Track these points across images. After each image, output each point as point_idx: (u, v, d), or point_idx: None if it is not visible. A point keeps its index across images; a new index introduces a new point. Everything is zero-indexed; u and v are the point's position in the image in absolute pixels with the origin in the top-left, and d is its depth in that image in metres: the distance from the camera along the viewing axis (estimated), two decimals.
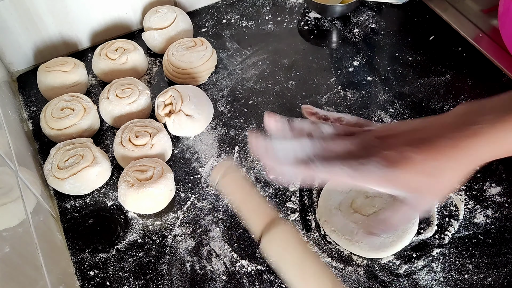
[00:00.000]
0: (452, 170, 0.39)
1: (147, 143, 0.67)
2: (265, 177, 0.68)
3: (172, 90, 0.73)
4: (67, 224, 0.65)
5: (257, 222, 0.48)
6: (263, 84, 0.80)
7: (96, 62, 0.80)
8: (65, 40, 0.85)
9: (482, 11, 0.88)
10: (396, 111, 0.74)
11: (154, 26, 0.83)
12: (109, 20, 0.87)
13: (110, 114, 0.72)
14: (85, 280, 0.60)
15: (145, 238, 0.63)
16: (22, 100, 0.80)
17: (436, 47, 0.83)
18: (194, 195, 0.67)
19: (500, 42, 0.80)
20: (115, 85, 0.73)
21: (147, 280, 0.59)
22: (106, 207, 0.66)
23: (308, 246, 0.56)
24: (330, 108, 0.76)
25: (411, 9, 0.90)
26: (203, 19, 0.92)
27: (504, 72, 0.78)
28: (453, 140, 0.39)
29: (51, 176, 0.65)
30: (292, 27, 0.89)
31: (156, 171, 0.64)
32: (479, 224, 0.62)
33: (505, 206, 0.63)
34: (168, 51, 0.80)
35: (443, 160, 0.39)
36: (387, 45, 0.85)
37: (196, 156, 0.71)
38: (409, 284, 0.57)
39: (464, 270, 0.58)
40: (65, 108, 0.71)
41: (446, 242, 0.60)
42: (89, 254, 0.62)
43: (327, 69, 0.82)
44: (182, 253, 0.61)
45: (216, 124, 0.75)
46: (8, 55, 0.82)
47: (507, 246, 0.59)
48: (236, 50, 0.86)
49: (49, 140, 0.73)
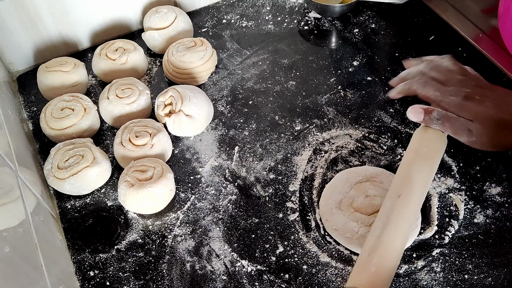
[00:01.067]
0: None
1: (147, 143, 0.67)
2: (265, 177, 0.68)
3: (172, 90, 0.73)
4: (67, 224, 0.65)
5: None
6: (263, 84, 0.80)
7: (96, 62, 0.80)
8: (65, 40, 0.85)
9: (482, 11, 0.88)
10: (396, 111, 0.74)
11: (154, 26, 0.83)
12: (109, 20, 0.87)
13: (110, 114, 0.72)
14: (85, 280, 0.60)
15: (145, 238, 0.63)
16: (22, 100, 0.81)
17: (436, 47, 0.83)
18: (194, 195, 0.67)
19: (500, 42, 0.80)
20: (115, 85, 0.73)
21: (147, 280, 0.59)
22: (106, 207, 0.66)
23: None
24: (330, 108, 0.76)
25: (411, 9, 0.90)
26: (203, 19, 0.92)
27: (504, 72, 0.78)
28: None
29: (51, 176, 0.65)
30: (292, 27, 0.89)
31: (156, 171, 0.64)
32: (479, 224, 0.62)
33: (505, 206, 0.63)
34: (168, 51, 0.80)
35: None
36: (387, 45, 0.85)
37: (196, 156, 0.71)
38: (409, 284, 0.57)
39: (464, 270, 0.58)
40: (65, 108, 0.71)
41: (446, 242, 0.60)
42: (89, 254, 0.62)
43: (327, 69, 0.82)
44: (182, 253, 0.61)
45: (216, 124, 0.75)
46: (8, 55, 0.82)
47: (507, 246, 0.59)
48: (236, 50, 0.86)
49: (49, 140, 0.73)
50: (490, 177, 0.66)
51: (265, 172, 0.69)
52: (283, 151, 0.71)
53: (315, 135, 0.73)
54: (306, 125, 0.74)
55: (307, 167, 0.69)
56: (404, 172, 0.58)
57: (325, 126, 0.74)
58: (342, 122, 0.74)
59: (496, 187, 0.65)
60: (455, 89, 0.58)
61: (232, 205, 0.66)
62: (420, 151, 0.59)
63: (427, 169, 0.58)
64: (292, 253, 0.61)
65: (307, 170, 0.69)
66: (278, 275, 0.59)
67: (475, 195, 0.64)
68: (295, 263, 0.60)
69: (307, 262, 0.59)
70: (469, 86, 0.58)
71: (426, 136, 0.60)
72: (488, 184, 0.65)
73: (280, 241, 0.62)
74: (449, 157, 0.68)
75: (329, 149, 0.71)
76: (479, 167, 0.67)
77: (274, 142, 0.72)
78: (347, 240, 0.60)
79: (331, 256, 0.60)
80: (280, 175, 0.68)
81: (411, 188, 0.56)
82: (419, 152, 0.59)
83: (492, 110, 0.55)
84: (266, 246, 0.61)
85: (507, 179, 0.66)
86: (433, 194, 0.65)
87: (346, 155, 0.70)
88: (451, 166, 0.67)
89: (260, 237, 0.62)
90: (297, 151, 0.71)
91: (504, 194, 0.64)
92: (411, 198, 0.56)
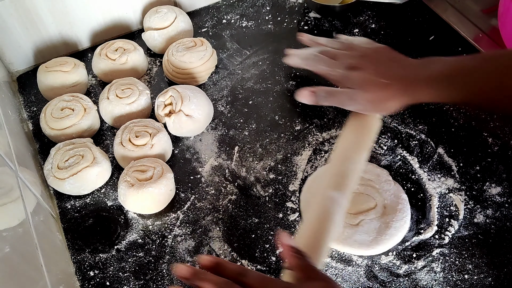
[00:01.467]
0: (394, 103, 0.57)
1: (147, 143, 0.67)
2: (265, 177, 0.68)
3: (172, 90, 0.73)
4: (67, 224, 0.65)
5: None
6: (263, 84, 0.80)
7: (96, 62, 0.80)
8: (65, 40, 0.85)
9: (482, 11, 0.88)
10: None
11: (154, 26, 0.83)
12: (109, 20, 0.87)
13: (110, 114, 0.72)
14: (85, 280, 0.60)
15: (145, 238, 0.63)
16: (22, 100, 0.80)
17: (436, 47, 0.83)
18: (194, 195, 0.67)
19: (500, 42, 0.80)
20: (115, 85, 0.73)
21: (147, 280, 0.59)
22: (106, 207, 0.66)
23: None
24: (330, 108, 0.76)
25: (411, 9, 0.90)
26: (203, 19, 0.92)
27: None
28: (405, 84, 0.57)
29: (51, 176, 0.65)
30: (292, 27, 0.89)
31: (156, 171, 0.64)
32: (479, 224, 0.62)
33: (505, 206, 0.63)
34: (168, 51, 0.80)
35: (392, 96, 0.57)
36: (387, 45, 0.85)
37: (196, 156, 0.71)
38: (409, 284, 0.57)
39: (464, 270, 0.58)
40: (65, 108, 0.71)
41: (446, 242, 0.60)
42: (89, 254, 0.62)
43: None
44: (182, 253, 0.61)
45: (216, 124, 0.75)
46: (8, 55, 0.82)
47: (507, 246, 0.59)
48: (236, 50, 0.86)
49: (49, 140, 0.73)
50: (490, 177, 0.66)
51: (265, 172, 0.69)
52: (283, 151, 0.71)
53: (315, 135, 0.73)
54: (306, 125, 0.74)
55: (307, 167, 0.69)
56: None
57: (325, 126, 0.74)
58: (342, 122, 0.74)
59: (496, 187, 0.65)
60: (340, 61, 0.62)
61: (232, 205, 0.66)
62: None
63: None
64: None
65: (307, 170, 0.69)
66: (278, 275, 0.59)
67: (475, 195, 0.64)
68: None
69: None
70: (354, 57, 0.62)
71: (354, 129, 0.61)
72: (488, 184, 0.65)
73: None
74: (449, 157, 0.68)
75: (329, 149, 0.71)
76: (479, 167, 0.67)
77: (274, 142, 0.72)
78: (333, 241, 0.59)
79: (331, 256, 0.60)
80: (280, 175, 0.68)
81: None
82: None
83: (373, 75, 0.58)
84: (266, 246, 0.61)
85: (507, 179, 0.66)
86: (433, 194, 0.65)
87: None
88: (451, 166, 0.67)
89: (260, 237, 0.62)
90: (297, 151, 0.71)
91: (504, 194, 0.64)
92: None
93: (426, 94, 0.56)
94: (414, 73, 0.57)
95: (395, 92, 0.57)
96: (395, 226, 0.60)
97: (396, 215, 0.61)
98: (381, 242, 0.59)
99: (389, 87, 0.57)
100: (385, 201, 0.63)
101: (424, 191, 0.65)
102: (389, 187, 0.64)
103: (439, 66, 0.56)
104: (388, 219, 0.61)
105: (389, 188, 0.64)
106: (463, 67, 0.55)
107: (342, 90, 0.60)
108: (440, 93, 0.55)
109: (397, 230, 0.60)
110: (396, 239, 0.60)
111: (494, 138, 0.70)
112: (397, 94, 0.56)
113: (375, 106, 0.58)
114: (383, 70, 0.58)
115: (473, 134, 0.71)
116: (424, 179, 0.67)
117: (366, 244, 0.59)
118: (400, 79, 0.57)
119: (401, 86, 0.56)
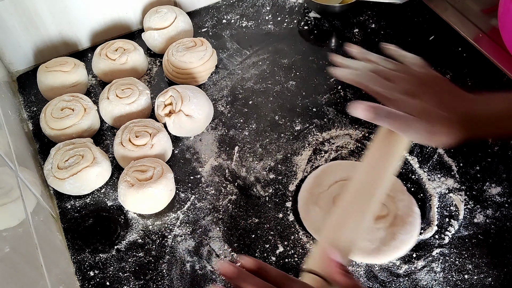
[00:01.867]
0: (450, 137, 0.54)
1: (147, 143, 0.67)
2: (265, 177, 0.68)
3: (172, 90, 0.73)
4: (67, 224, 0.65)
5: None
6: (263, 84, 0.80)
7: (96, 62, 0.80)
8: (65, 40, 0.85)
9: (482, 11, 0.88)
10: None
11: (154, 26, 0.83)
12: (109, 20, 0.87)
13: (110, 114, 0.72)
14: (85, 280, 0.60)
15: (145, 238, 0.63)
16: (22, 100, 0.80)
17: (436, 47, 0.83)
18: (194, 195, 0.67)
19: (500, 42, 0.80)
20: (115, 85, 0.73)
21: (147, 280, 0.59)
22: (106, 207, 0.66)
23: None
24: (330, 108, 0.76)
25: (411, 9, 0.90)
26: (203, 19, 0.92)
27: (504, 72, 0.78)
28: (464, 119, 0.53)
29: (51, 176, 0.65)
30: (292, 27, 0.89)
31: (156, 171, 0.64)
32: (479, 224, 0.62)
33: (505, 206, 0.63)
34: (168, 51, 0.80)
35: (450, 130, 0.53)
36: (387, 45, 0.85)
37: (196, 156, 0.71)
38: (409, 284, 0.57)
39: (464, 270, 0.58)
40: (65, 108, 0.71)
41: (446, 242, 0.60)
42: (89, 254, 0.62)
43: (327, 69, 0.82)
44: (182, 253, 0.61)
45: (216, 124, 0.75)
46: (8, 55, 0.82)
47: (507, 246, 0.59)
48: (236, 50, 0.86)
49: (49, 140, 0.73)
50: (490, 177, 0.66)
51: (265, 172, 0.69)
52: (283, 151, 0.71)
53: (315, 135, 0.73)
54: (306, 125, 0.74)
55: (307, 167, 0.69)
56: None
57: (325, 126, 0.74)
58: (342, 122, 0.74)
59: (496, 187, 0.65)
60: (397, 85, 0.59)
61: (232, 205, 0.66)
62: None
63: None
64: (292, 253, 0.61)
65: (307, 170, 0.69)
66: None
67: (475, 195, 0.64)
68: (295, 263, 0.60)
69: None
70: (411, 83, 0.59)
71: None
72: (488, 184, 0.65)
73: (280, 241, 0.62)
74: (449, 157, 0.68)
75: (329, 149, 0.71)
76: (479, 167, 0.67)
77: (274, 142, 0.72)
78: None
79: None
80: (280, 175, 0.68)
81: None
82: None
83: (432, 106, 0.56)
84: (266, 246, 0.61)
85: (507, 179, 0.66)
86: (433, 194, 0.65)
87: (346, 155, 0.70)
88: (451, 166, 0.67)
89: (260, 237, 0.62)
90: (297, 151, 0.71)
91: (504, 194, 0.64)
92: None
93: (484, 131, 0.55)
94: (474, 109, 0.55)
95: (453, 126, 0.54)
96: (402, 239, 0.59)
97: (405, 227, 0.59)
98: (382, 253, 0.58)
99: (448, 120, 0.54)
100: (398, 211, 0.61)
101: (424, 191, 0.65)
102: (403, 197, 0.63)
103: (500, 102, 0.55)
104: (395, 230, 0.59)
105: (403, 198, 0.62)
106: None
107: (402, 114, 0.56)
108: (500, 131, 0.54)
109: (403, 243, 0.59)
110: (399, 253, 0.58)
111: (494, 138, 0.70)
112: (455, 129, 0.54)
113: (431, 138, 0.56)
114: (442, 102, 0.56)
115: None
116: (424, 179, 0.67)
117: (367, 252, 0.58)
118: (459, 114, 0.55)
119: (460, 121, 0.54)
